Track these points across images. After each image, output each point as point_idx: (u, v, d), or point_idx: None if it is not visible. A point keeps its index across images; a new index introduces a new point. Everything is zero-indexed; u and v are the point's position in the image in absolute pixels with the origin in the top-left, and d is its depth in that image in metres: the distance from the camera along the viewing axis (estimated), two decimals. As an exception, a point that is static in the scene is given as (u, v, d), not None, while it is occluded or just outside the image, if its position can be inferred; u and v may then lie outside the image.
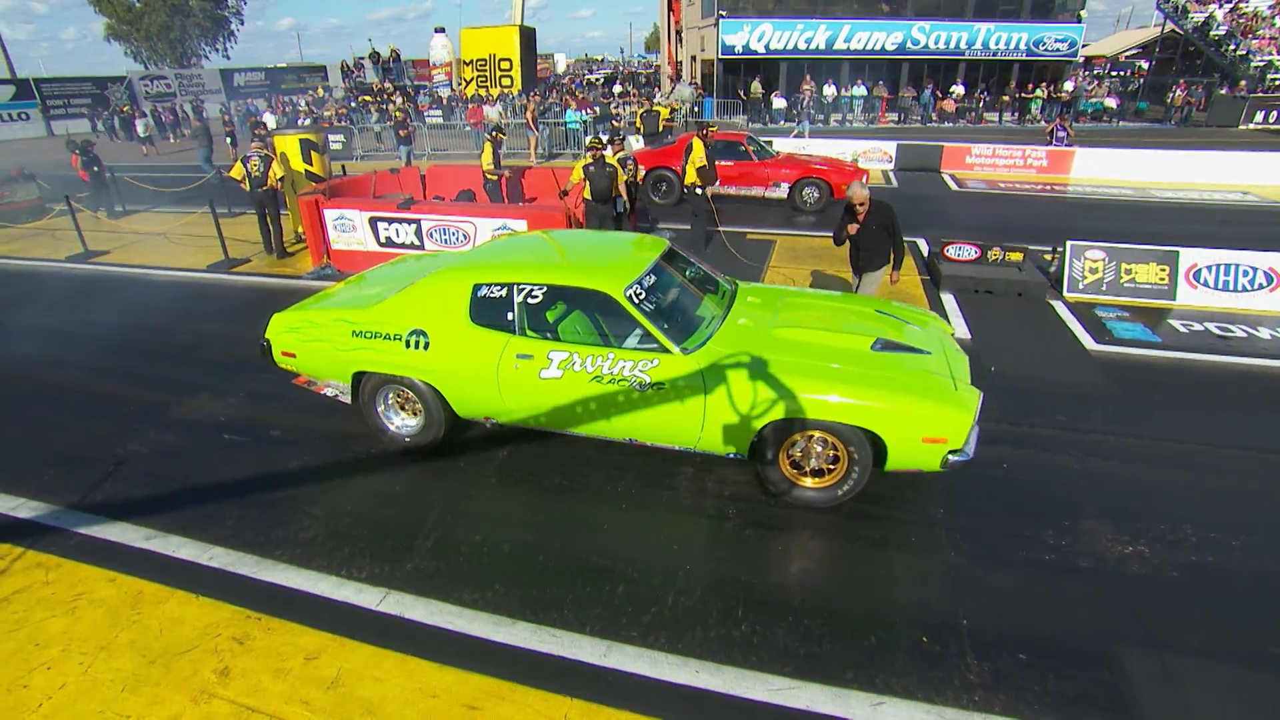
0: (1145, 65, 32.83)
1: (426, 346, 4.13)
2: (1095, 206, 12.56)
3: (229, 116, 17.17)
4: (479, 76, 30.30)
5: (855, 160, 14.00)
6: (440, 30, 31.04)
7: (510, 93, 27.13)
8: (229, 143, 20.20)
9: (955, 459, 3.49)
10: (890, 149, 16.14)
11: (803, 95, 25.26)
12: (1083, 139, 17.77)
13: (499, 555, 3.57)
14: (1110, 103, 27.08)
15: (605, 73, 45.22)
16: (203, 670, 2.87)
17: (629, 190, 8.42)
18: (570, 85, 29.80)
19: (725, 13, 26.13)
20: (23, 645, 3.02)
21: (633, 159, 8.86)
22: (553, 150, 19.26)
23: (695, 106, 24.52)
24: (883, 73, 27.12)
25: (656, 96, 25.17)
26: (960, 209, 12.47)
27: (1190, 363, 5.89)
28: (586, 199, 7.93)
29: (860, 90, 26.16)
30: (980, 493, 4.04)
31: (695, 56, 30.87)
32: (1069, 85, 27.00)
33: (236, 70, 37.78)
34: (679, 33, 33.56)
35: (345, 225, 8.13)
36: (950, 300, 7.29)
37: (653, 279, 4.16)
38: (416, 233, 7.85)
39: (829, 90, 25.94)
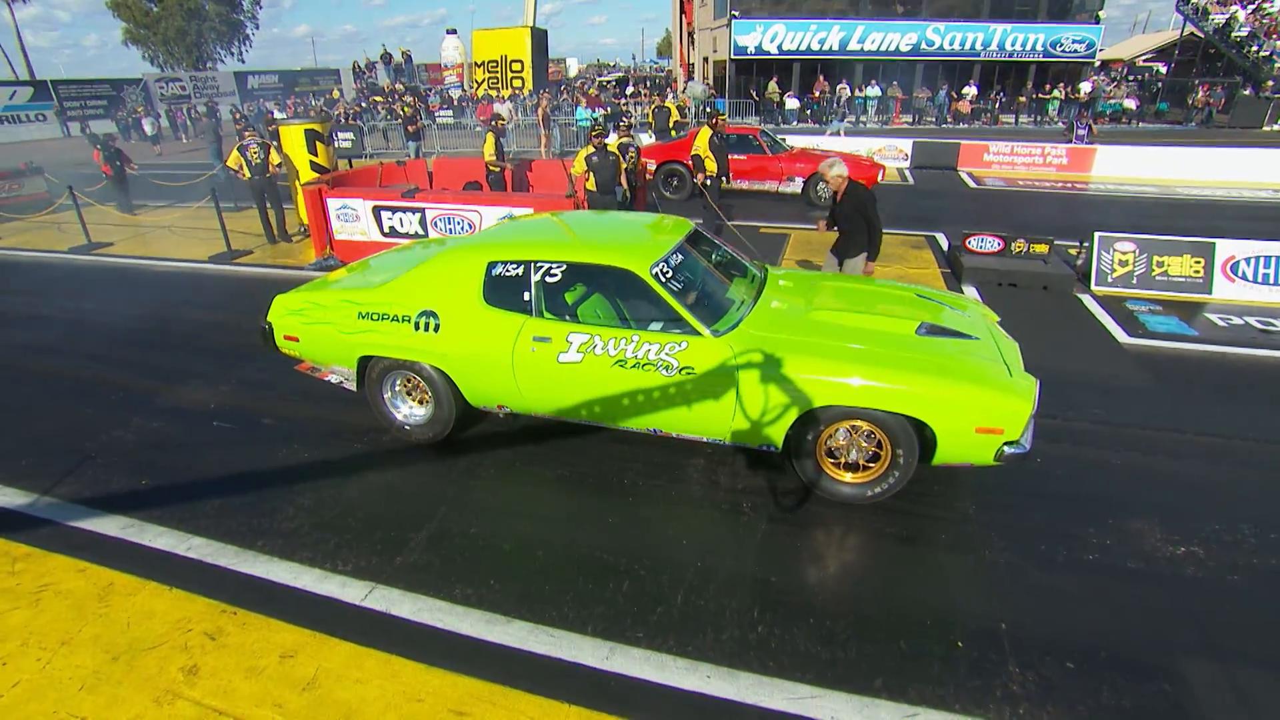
0: (1163, 69, 32.30)
1: (437, 329, 3.88)
2: (1119, 203, 12.20)
3: (240, 114, 17.24)
4: (490, 78, 30.29)
5: (871, 156, 13.69)
6: (452, 32, 31.08)
7: (521, 93, 27.05)
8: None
9: (1011, 451, 3.20)
10: (906, 146, 15.84)
11: (838, 94, 24.98)
12: (1103, 139, 17.39)
13: (495, 550, 3.32)
14: (1129, 104, 26.60)
15: (617, 76, 45.15)
16: (169, 668, 2.63)
17: (628, 178, 8.18)
18: (581, 85, 29.67)
19: (738, 13, 25.95)
20: (-20, 639, 2.80)
21: (634, 147, 8.61)
22: (564, 148, 19.10)
23: (707, 106, 24.33)
24: (897, 74, 26.82)
25: (669, 96, 25.00)
26: (979, 205, 12.15)
27: (1231, 357, 5.56)
28: (590, 190, 7.71)
29: (874, 91, 25.86)
30: (1014, 488, 3.75)
31: (707, 58, 30.70)
32: (1086, 86, 26.56)
33: (250, 73, 38.03)
34: (691, 34, 33.42)
35: (349, 215, 7.94)
36: (972, 294, 6.98)
37: (679, 258, 3.91)
38: (421, 222, 7.65)
39: (843, 91, 25.65)
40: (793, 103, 25.53)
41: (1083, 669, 2.59)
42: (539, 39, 31.19)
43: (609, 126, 8.22)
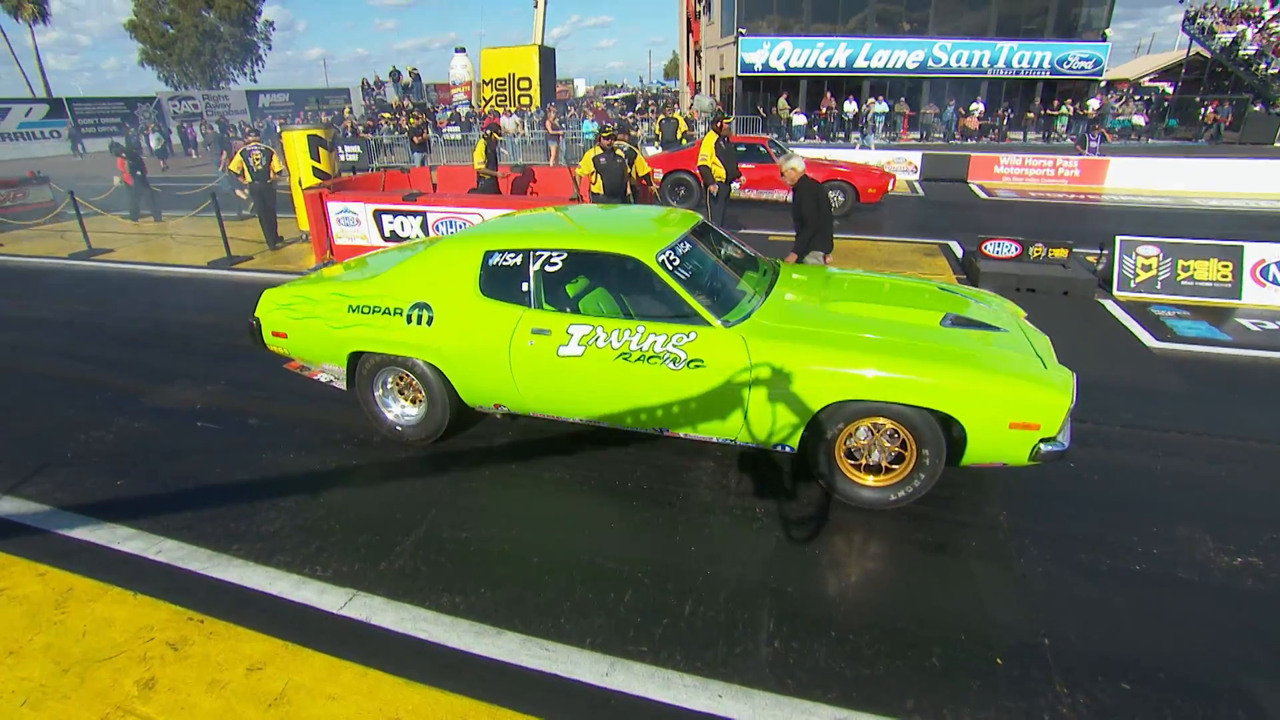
0: (1169, 89, 32.15)
1: (430, 322, 3.67)
2: (1135, 214, 11.96)
3: (249, 127, 17.39)
4: (498, 95, 30.47)
5: (882, 167, 13.51)
6: (461, 50, 31.32)
7: (529, 110, 27.18)
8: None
9: (1048, 450, 2.94)
10: (915, 159, 15.70)
11: (868, 108, 24.91)
12: (1115, 151, 17.20)
13: (487, 555, 3.07)
14: (1138, 120, 26.46)
15: (625, 95, 45.50)
16: (124, 681, 2.39)
17: (630, 184, 8.01)
18: (588, 100, 29.84)
19: (745, 31, 26.08)
20: (-77, 647, 2.57)
21: (634, 149, 8.43)
22: (571, 160, 19.06)
23: (714, 117, 24.38)
24: (904, 90, 26.81)
25: (676, 108, 25.05)
26: (992, 215, 11.95)
27: (1267, 361, 5.28)
28: (596, 193, 7.54)
29: (882, 107, 25.83)
30: (1046, 493, 3.48)
31: (714, 75, 30.84)
32: (1094, 103, 26.45)
33: (262, 91, 38.46)
34: (698, 52, 33.59)
35: (349, 219, 7.79)
36: (991, 298, 6.73)
37: (686, 247, 3.70)
38: (422, 225, 7.49)
39: (850, 107, 25.64)
40: (800, 119, 25.51)
41: (1141, 690, 2.31)
42: (547, 58, 31.41)
43: (615, 130, 8.04)
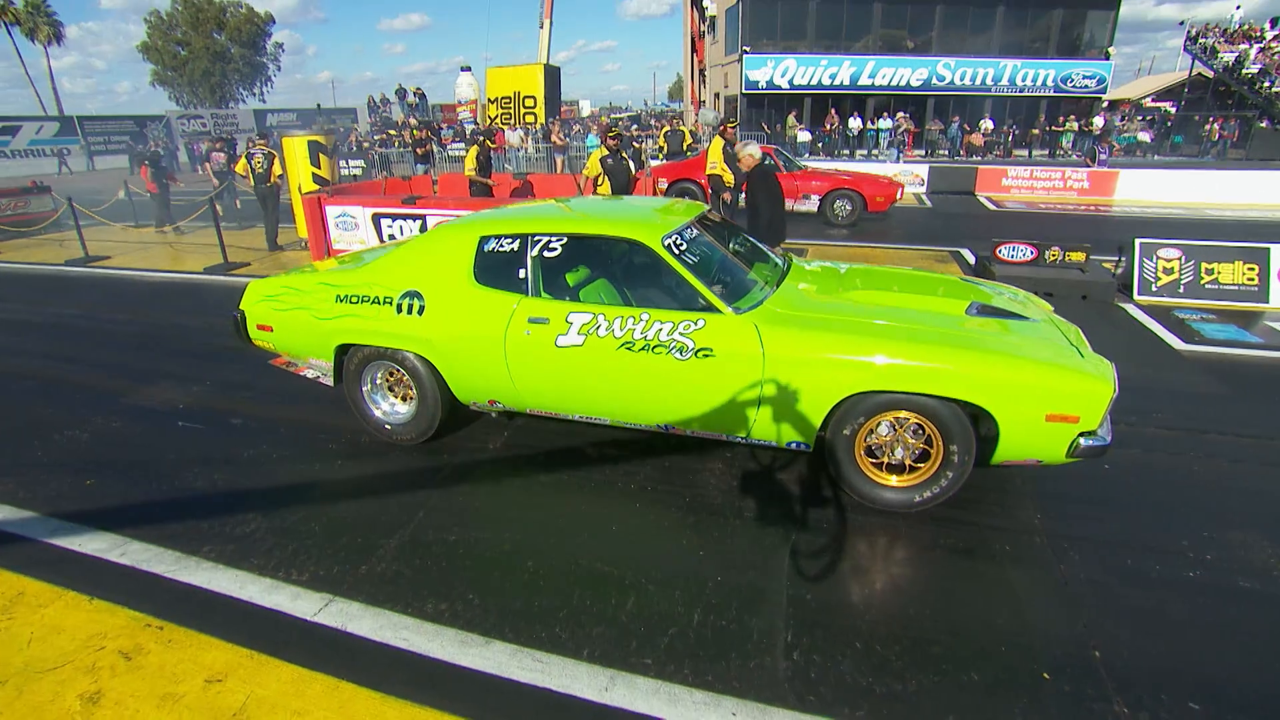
0: (1171, 109, 32.12)
1: (421, 311, 3.45)
2: (1149, 224, 11.74)
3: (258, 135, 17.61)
4: (504, 114, 30.63)
5: (891, 178, 13.37)
6: (466, 69, 31.57)
7: (534, 128, 27.29)
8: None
9: (1089, 445, 2.70)
10: (922, 171, 15.58)
11: (898, 123, 24.86)
12: (1125, 164, 17.06)
13: (477, 559, 2.82)
14: (1144, 137, 26.42)
15: (630, 114, 45.83)
16: (66, 695, 2.14)
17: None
18: (593, 118, 29.99)
19: (749, 49, 26.22)
20: None
21: (634, 144, 8.29)
22: (575, 171, 19.03)
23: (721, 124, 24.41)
24: (909, 107, 26.84)
25: (681, 122, 25.09)
26: (1002, 224, 11.75)
27: (1303, 365, 5.03)
28: (603, 195, 7.39)
29: (887, 123, 25.84)
30: (1082, 496, 3.23)
31: (719, 94, 31.00)
32: (1099, 120, 26.42)
33: (270, 111, 38.85)
34: (702, 71, 33.78)
35: (347, 223, 7.64)
36: (1007, 302, 6.51)
37: (693, 233, 3.50)
38: (421, 229, 7.32)
39: (854, 124, 25.65)
40: (804, 135, 25.52)
41: (1212, 710, 2.04)
42: (552, 76, 31.60)
43: (619, 132, 7.91)
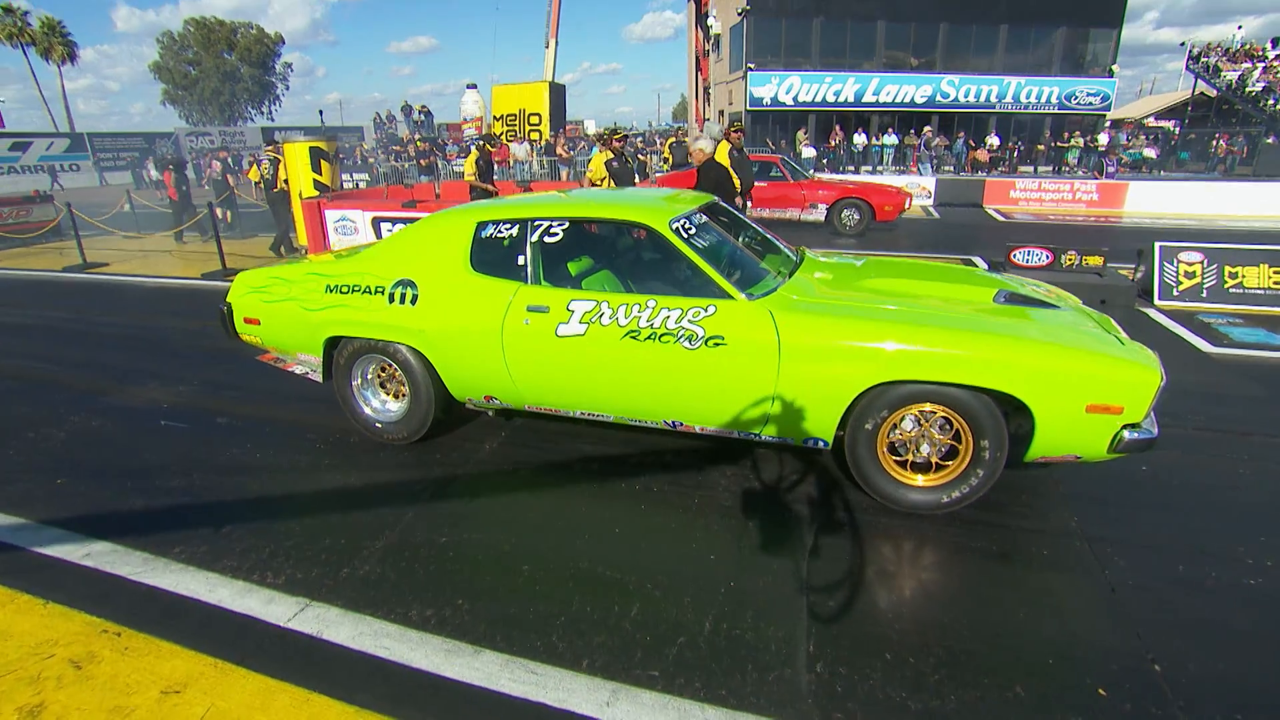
0: (1173, 128, 32.05)
1: (414, 301, 3.26)
2: (1161, 233, 11.48)
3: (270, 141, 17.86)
4: (509, 131, 30.80)
5: (899, 188, 13.25)
6: (472, 86, 31.79)
7: (539, 143, 27.40)
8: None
9: (1134, 438, 2.48)
10: (929, 184, 15.45)
11: (925, 136, 24.79)
12: (1134, 176, 16.91)
13: (468, 562, 2.60)
14: (1150, 153, 26.32)
15: (634, 132, 46.10)
16: (3, 708, 1.92)
17: None
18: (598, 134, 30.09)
19: (754, 66, 26.35)
20: None
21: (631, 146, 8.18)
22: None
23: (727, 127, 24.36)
24: (913, 123, 26.87)
25: (686, 135, 25.12)
26: (1013, 234, 11.56)
27: (1340, 368, 4.79)
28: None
29: (891, 139, 25.83)
30: (1121, 498, 3.00)
31: (723, 111, 31.11)
32: (1104, 138, 26.37)
33: (277, 129, 39.18)
34: (706, 89, 33.97)
35: (347, 227, 7.51)
36: (1024, 307, 6.30)
37: (702, 219, 3.32)
38: (422, 233, 7.18)
39: (859, 139, 25.65)
40: (809, 151, 25.51)
41: (1296, 730, 1.80)
42: (557, 94, 31.81)
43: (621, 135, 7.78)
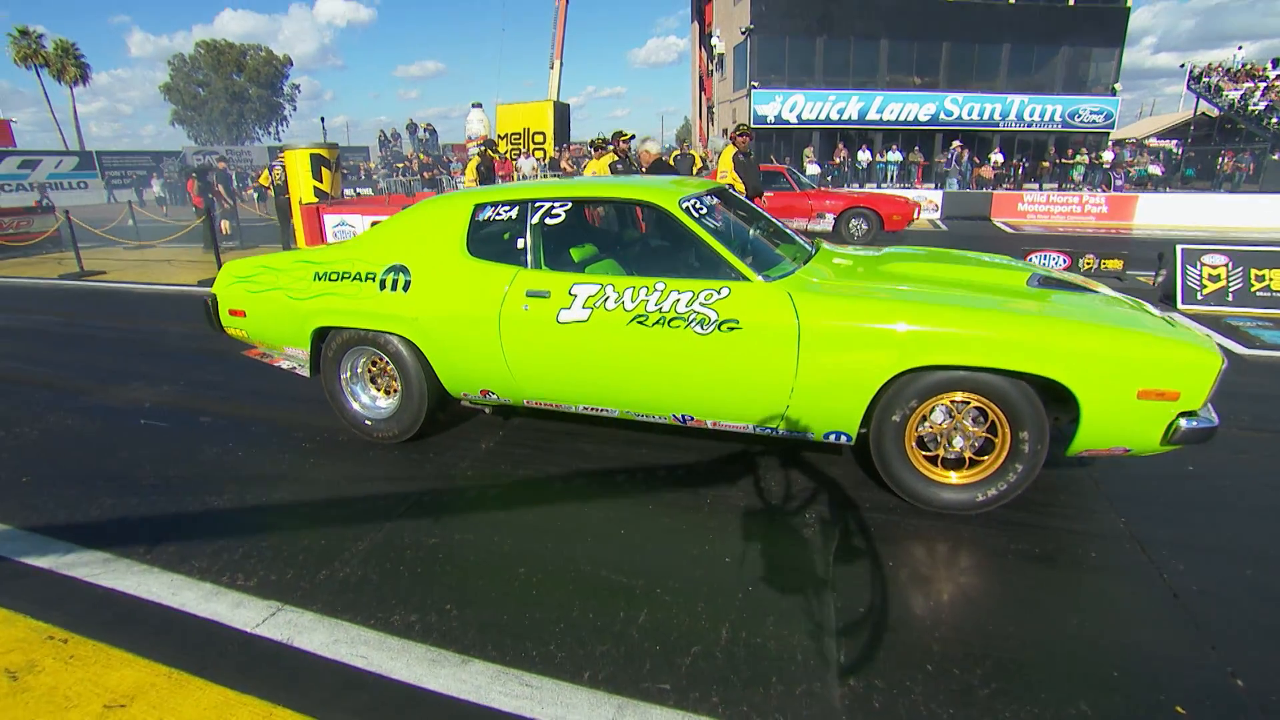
0: (1175, 147, 32.00)
1: (406, 287, 3.06)
2: (1179, 242, 11.34)
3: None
4: (513, 150, 30.95)
5: (906, 197, 13.11)
6: (477, 105, 32.00)
7: (543, 161, 27.47)
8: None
9: (1191, 427, 2.25)
10: (936, 197, 15.34)
11: (954, 151, 24.67)
12: (1144, 188, 16.77)
13: (459, 564, 2.37)
14: (1155, 170, 26.25)
15: (641, 136, 46.25)
16: (-75, 719, 1.69)
17: None
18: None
19: (758, 84, 26.47)
20: None
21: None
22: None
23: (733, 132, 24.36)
24: (917, 140, 26.89)
25: (690, 146, 25.15)
26: (1024, 244, 11.35)
27: (1383, 371, 4.55)
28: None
29: (895, 156, 25.82)
30: (1170, 499, 2.76)
31: (726, 130, 31.22)
32: (1108, 155, 26.32)
33: (283, 148, 39.48)
34: (710, 109, 34.27)
35: (346, 233, 7.36)
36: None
37: (713, 201, 3.13)
38: (422, 237, 7.03)
39: (863, 156, 25.65)
40: (814, 168, 25.49)
41: None
42: (561, 113, 31.93)
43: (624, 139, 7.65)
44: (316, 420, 3.64)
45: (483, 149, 8.46)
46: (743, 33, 26.35)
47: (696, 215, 2.82)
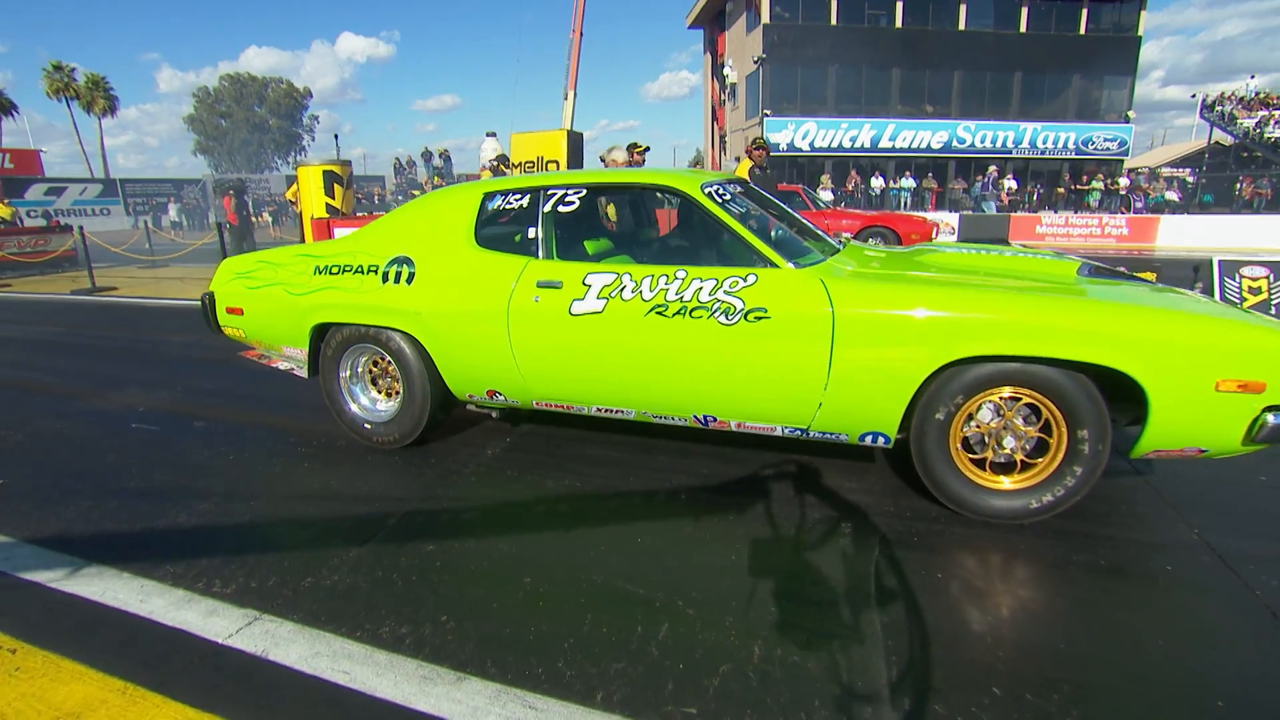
0: (1189, 176, 31.74)
1: (410, 279, 2.88)
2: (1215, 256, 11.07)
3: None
4: (527, 177, 31.29)
5: (924, 217, 12.96)
6: (491, 134, 32.45)
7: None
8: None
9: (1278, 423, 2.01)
10: (952, 220, 15.17)
11: (990, 175, 24.55)
12: (1166, 209, 16.54)
13: (458, 572, 2.14)
14: (1172, 196, 26.00)
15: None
16: None
17: None
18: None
19: (770, 112, 26.65)
20: None
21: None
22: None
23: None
24: (931, 167, 26.87)
25: (703, 169, 25.23)
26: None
27: None
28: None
29: (909, 182, 25.77)
30: (1244, 508, 2.50)
31: (739, 158, 31.43)
32: (1124, 181, 26.13)
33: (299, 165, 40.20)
34: (723, 138, 34.57)
35: (356, 246, 7.26)
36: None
37: (737, 189, 2.95)
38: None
39: (876, 183, 25.61)
40: (827, 195, 25.47)
41: None
42: (575, 142, 32.26)
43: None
44: (314, 426, 3.45)
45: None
46: (755, 62, 26.62)
47: (720, 201, 2.64)
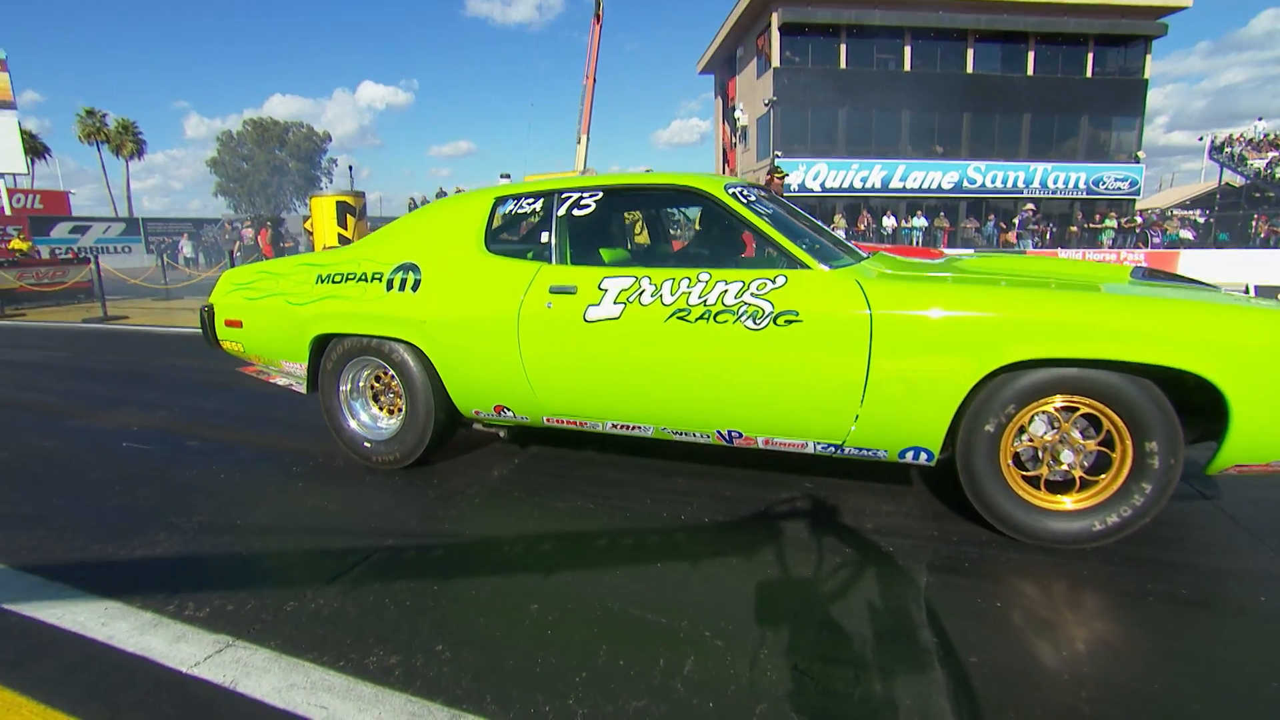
0: (1200, 217, 31.62)
1: (416, 286, 2.72)
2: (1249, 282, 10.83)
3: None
4: (540, 216, 31.73)
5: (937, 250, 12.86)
6: (505, 176, 33.06)
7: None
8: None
9: None
10: (966, 256, 15.03)
11: (1024, 213, 24.56)
12: (1183, 245, 16.36)
13: (455, 597, 1.93)
14: (1186, 234, 25.85)
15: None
16: None
17: None
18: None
19: (780, 153, 26.95)
20: None
21: None
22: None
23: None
24: (942, 206, 26.95)
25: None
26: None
27: None
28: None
29: (920, 222, 25.79)
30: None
31: (749, 196, 31.72)
32: (1139, 218, 26.04)
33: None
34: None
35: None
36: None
37: (762, 192, 2.82)
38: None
39: (888, 222, 25.66)
40: (839, 234, 25.52)
41: None
42: (588, 182, 32.90)
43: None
44: (312, 446, 3.27)
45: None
46: (766, 105, 27.06)
47: (745, 201, 2.49)
